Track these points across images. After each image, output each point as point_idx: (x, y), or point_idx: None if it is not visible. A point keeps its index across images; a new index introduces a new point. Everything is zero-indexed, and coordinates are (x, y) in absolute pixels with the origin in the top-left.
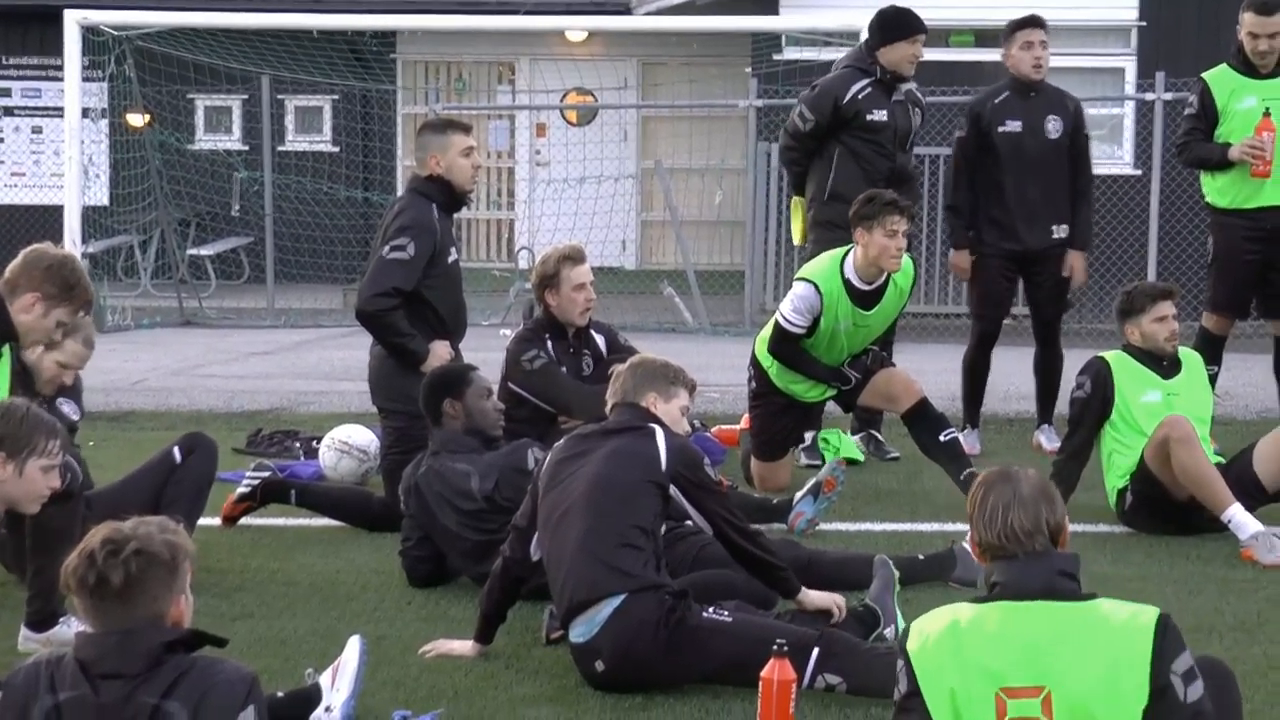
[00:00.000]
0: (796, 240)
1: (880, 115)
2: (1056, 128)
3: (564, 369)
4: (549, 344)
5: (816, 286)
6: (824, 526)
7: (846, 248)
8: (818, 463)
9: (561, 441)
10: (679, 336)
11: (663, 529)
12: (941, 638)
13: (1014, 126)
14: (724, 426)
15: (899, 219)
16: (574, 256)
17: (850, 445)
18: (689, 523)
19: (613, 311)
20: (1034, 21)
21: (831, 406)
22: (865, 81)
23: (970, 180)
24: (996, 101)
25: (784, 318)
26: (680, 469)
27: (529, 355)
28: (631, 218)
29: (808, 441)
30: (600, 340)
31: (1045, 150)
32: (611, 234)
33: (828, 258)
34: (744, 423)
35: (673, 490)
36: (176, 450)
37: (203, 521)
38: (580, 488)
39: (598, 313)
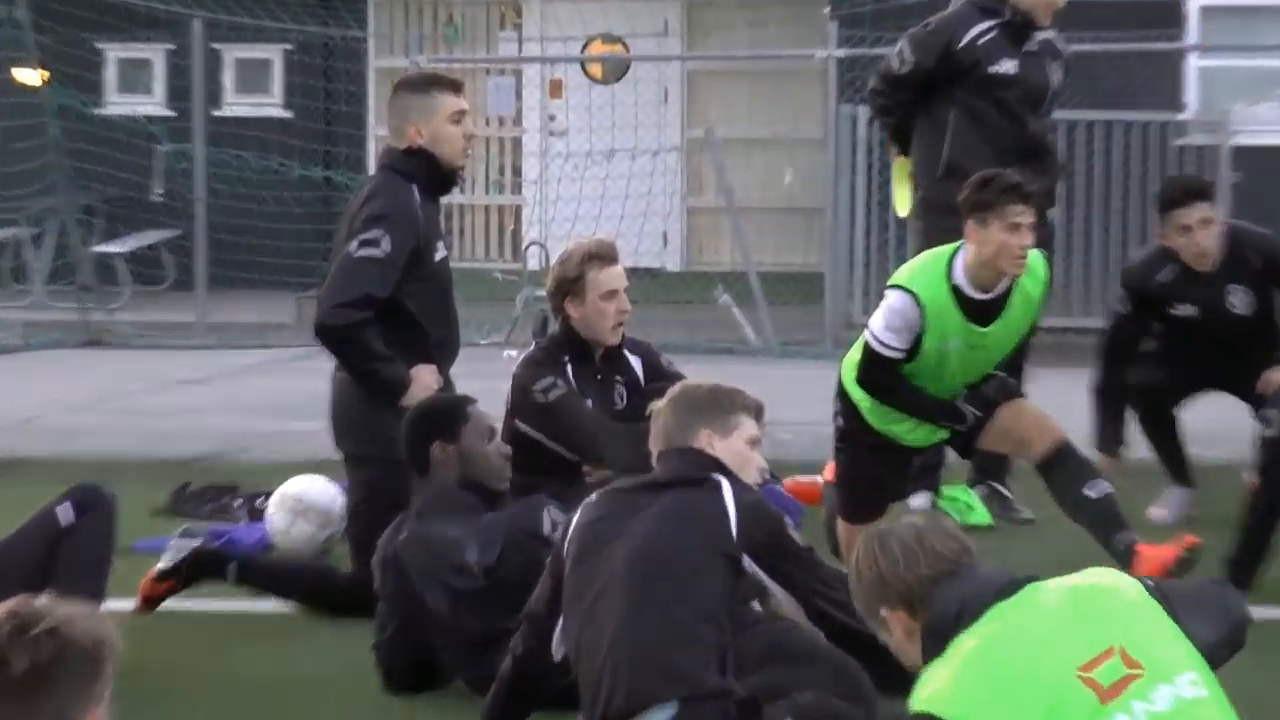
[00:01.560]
0: (901, 210)
1: (1007, 68)
2: (1244, 301)
3: (589, 402)
4: (569, 369)
5: (915, 296)
6: None
7: (954, 245)
8: None
9: (593, 498)
10: (738, 359)
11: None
12: (960, 684)
13: (1188, 310)
14: (801, 478)
15: (1023, 208)
16: (603, 255)
17: (981, 508)
18: (756, 606)
19: (651, 327)
20: (1188, 195)
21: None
22: (989, 24)
23: (1124, 367)
24: (1161, 280)
25: (875, 337)
26: (758, 534)
27: (543, 384)
28: (675, 204)
29: (921, 502)
30: (637, 364)
31: (1231, 326)
32: (650, 226)
33: (930, 258)
34: (828, 473)
35: (747, 562)
36: (65, 508)
37: (111, 605)
38: (621, 561)
39: (632, 328)
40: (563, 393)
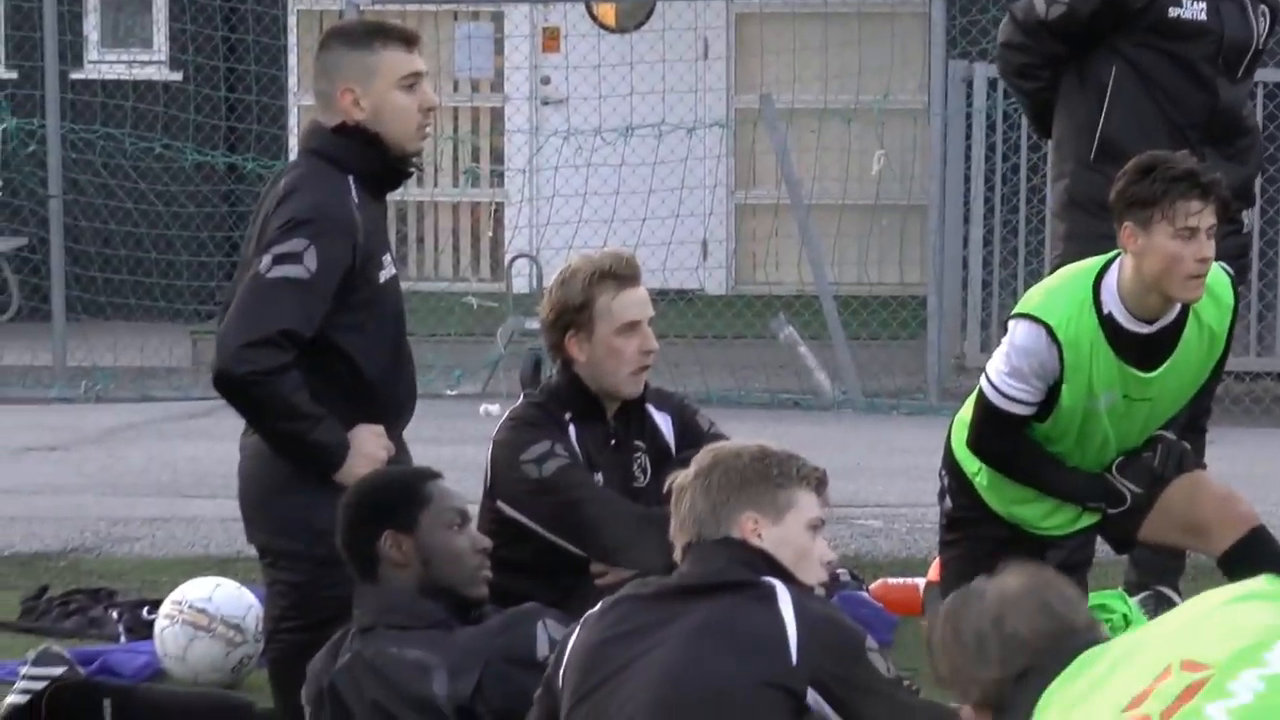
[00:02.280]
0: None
1: (1194, 12)
2: None
3: (599, 477)
4: (571, 431)
5: (1050, 329)
6: None
7: (1105, 258)
8: None
9: (598, 609)
10: (807, 416)
11: None
12: None
13: None
14: (893, 580)
15: (1200, 206)
16: (619, 274)
17: (1142, 621)
18: None
19: (687, 371)
20: None
21: (1099, 548)
22: None
23: None
24: None
25: (994, 385)
26: (827, 661)
27: (535, 452)
28: (719, 200)
29: None
30: (665, 424)
31: None
32: (683, 231)
33: (1071, 276)
34: (932, 573)
35: (812, 697)
36: None
37: None
38: (643, 695)
39: (660, 374)
40: (563, 464)
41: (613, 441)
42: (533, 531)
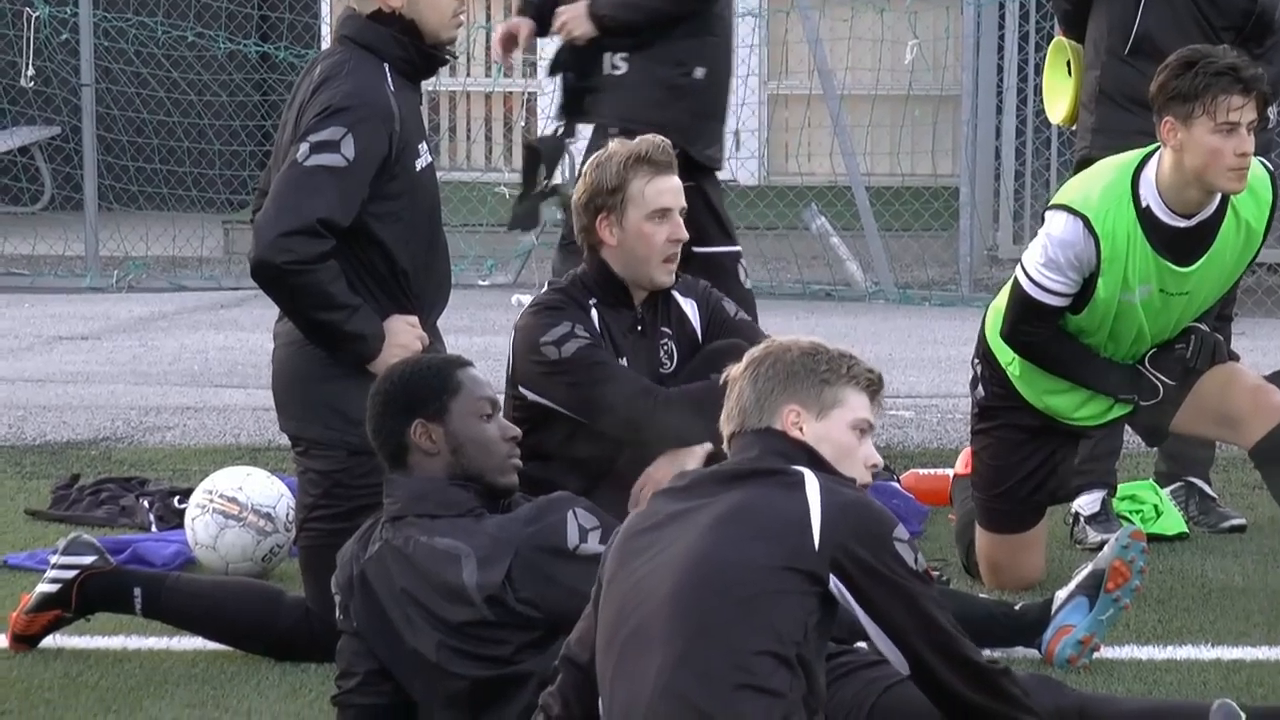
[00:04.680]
0: (1057, 118)
1: None
2: None
3: (622, 361)
4: (594, 316)
5: (1087, 221)
6: (1109, 652)
7: (1143, 151)
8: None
9: (645, 503)
10: (839, 308)
11: (823, 655)
12: None
13: None
14: (923, 471)
15: (1243, 101)
16: (655, 160)
17: (1173, 512)
18: (862, 646)
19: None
20: None
21: (1128, 438)
22: None
23: None
24: None
25: (1029, 276)
26: (849, 545)
27: (555, 334)
28: (751, 90)
29: (1088, 504)
30: (692, 311)
31: None
32: None
33: (1110, 169)
34: (962, 463)
35: (834, 585)
36: None
37: None
38: (666, 584)
39: (687, 264)
40: (583, 344)
41: (639, 328)
42: (557, 417)
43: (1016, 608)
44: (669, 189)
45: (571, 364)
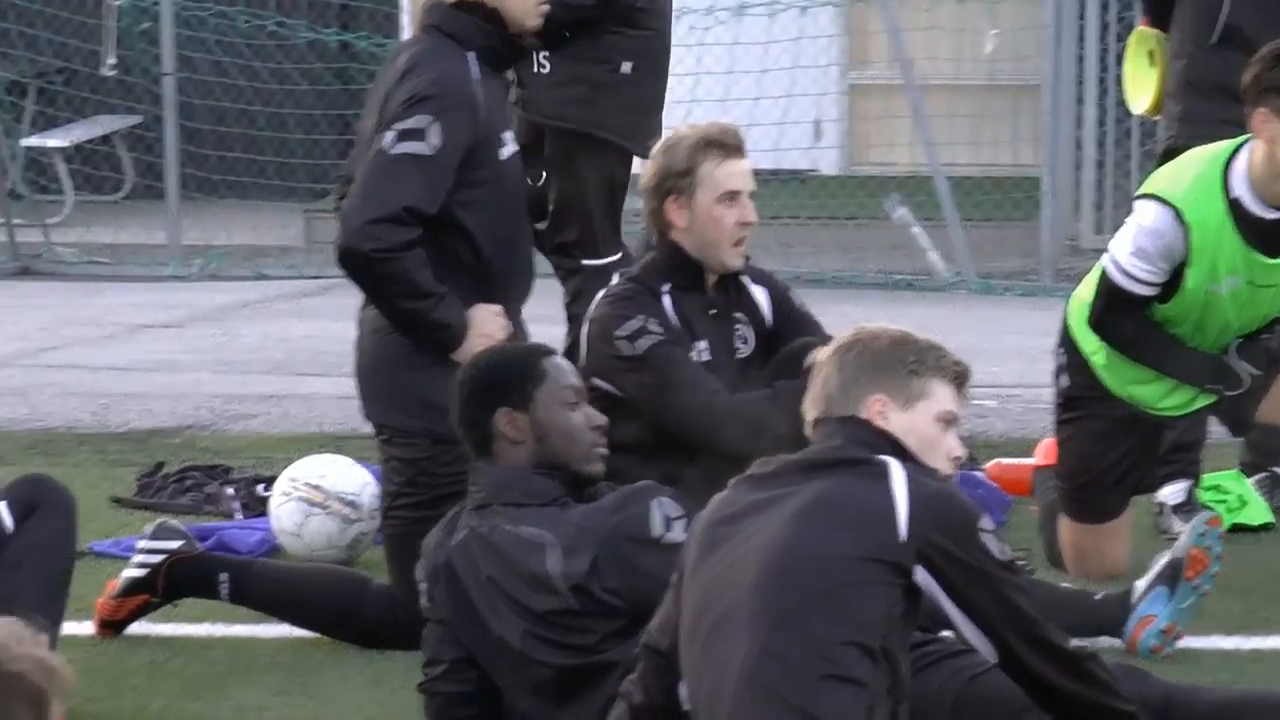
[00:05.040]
0: (1140, 109)
1: None
2: None
3: (704, 345)
4: (666, 303)
5: (1177, 211)
6: (1194, 642)
7: (1235, 142)
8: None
9: (726, 491)
10: (920, 298)
11: (908, 646)
12: None
13: None
14: (1007, 461)
15: None
16: (724, 144)
17: (1259, 502)
18: (948, 635)
19: (799, 253)
20: None
21: (1214, 428)
22: None
23: None
24: None
25: (1118, 265)
26: (935, 536)
27: (628, 328)
28: (831, 80)
29: (1173, 494)
30: (763, 299)
31: None
32: (796, 111)
33: (1201, 160)
34: (1042, 454)
35: (920, 575)
36: (3, 509)
37: (66, 629)
38: (750, 574)
39: (775, 253)
40: (655, 340)
41: (712, 311)
42: (634, 408)
43: (1097, 598)
44: (738, 172)
45: (644, 361)
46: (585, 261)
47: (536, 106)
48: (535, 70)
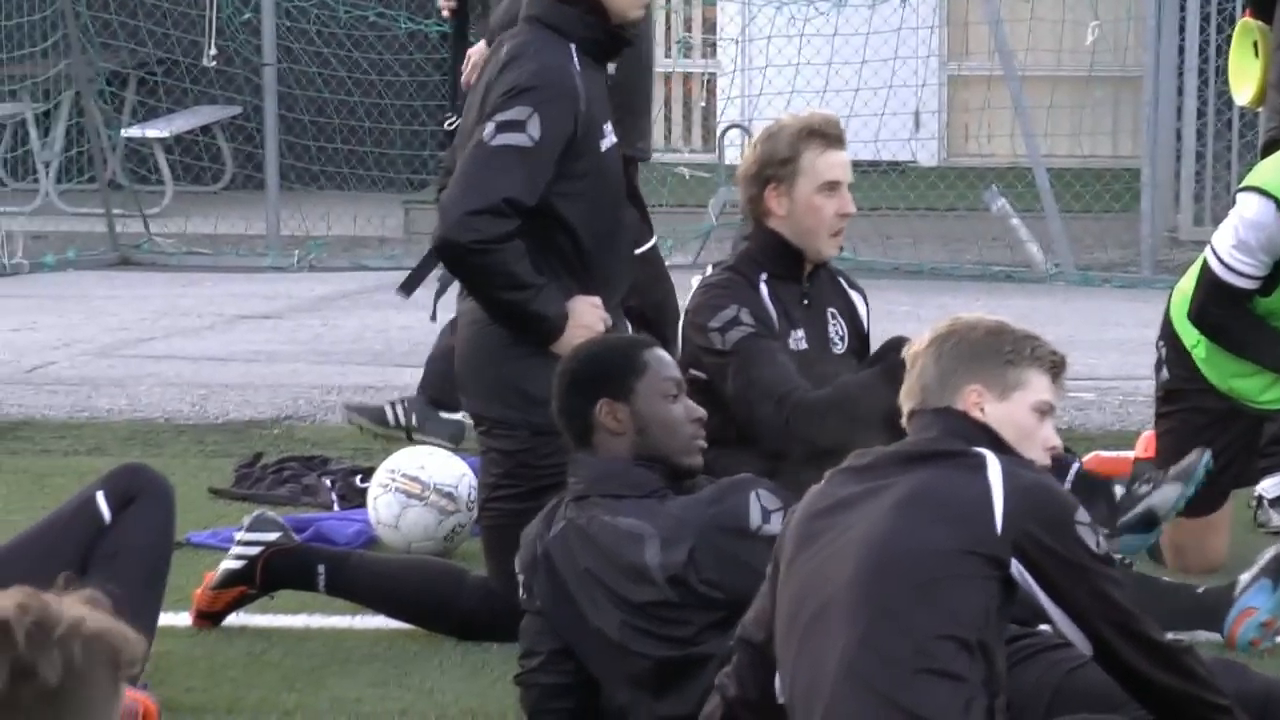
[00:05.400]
0: (1243, 100)
1: None
2: None
3: (800, 334)
4: (764, 291)
5: (1279, 204)
6: None
7: None
8: None
9: (822, 483)
10: (1020, 289)
11: (1004, 639)
12: None
13: None
14: (1106, 453)
15: None
16: (826, 134)
17: None
18: (1045, 629)
19: (898, 244)
20: None
21: None
22: None
23: None
24: None
25: (1220, 258)
26: (1031, 528)
27: (721, 319)
28: (932, 71)
29: (1272, 487)
30: (861, 305)
31: None
32: (895, 102)
33: None
34: (1143, 447)
35: (1016, 569)
36: (102, 499)
37: (163, 620)
38: (847, 567)
39: (874, 243)
40: (746, 333)
41: (805, 301)
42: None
43: (1199, 590)
44: (839, 162)
45: (732, 354)
46: None
47: None
48: None
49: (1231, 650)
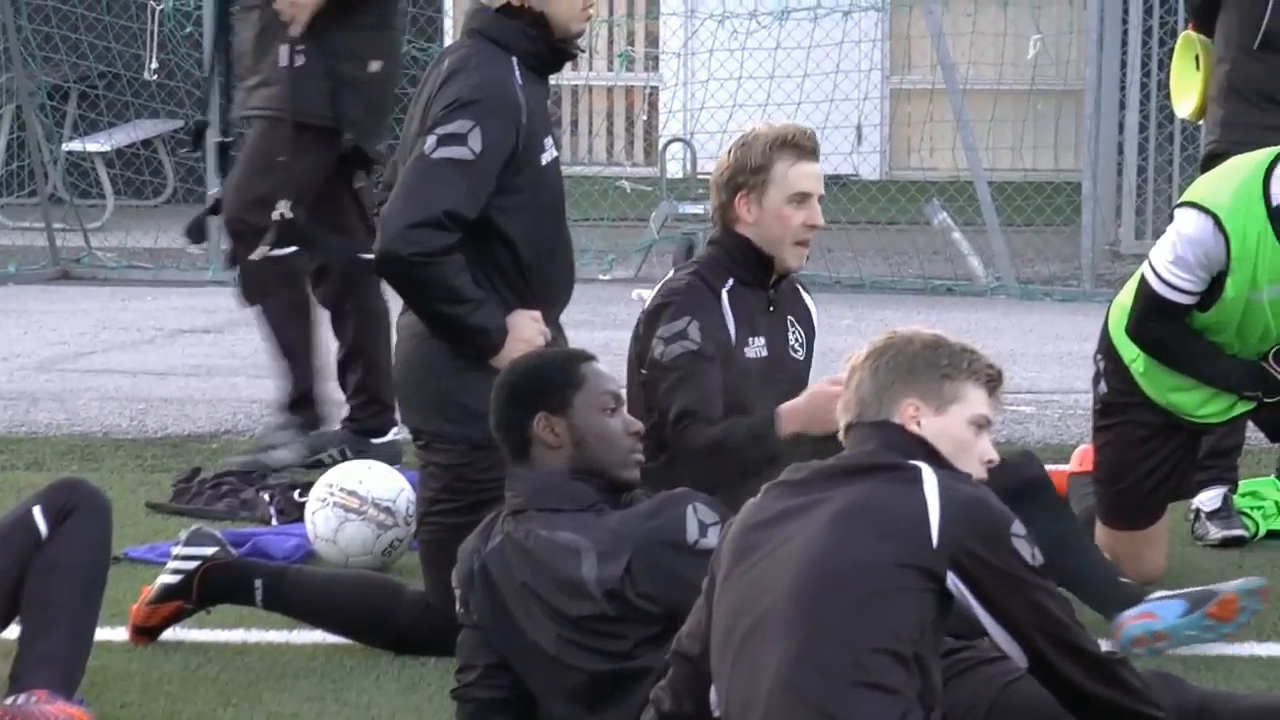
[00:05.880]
0: (1184, 113)
1: None
2: None
3: (760, 340)
4: (725, 300)
5: (1217, 220)
6: (1229, 649)
7: (1276, 150)
8: (1239, 532)
9: (759, 496)
10: (960, 302)
11: (940, 652)
12: None
13: None
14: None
15: None
16: (801, 145)
17: None
18: (982, 642)
19: (839, 257)
20: None
21: (1251, 434)
22: None
23: None
24: None
25: (1157, 273)
26: (967, 541)
27: (670, 330)
28: (874, 85)
29: (1209, 500)
30: (815, 312)
31: None
32: (838, 116)
33: (1241, 168)
34: (1077, 461)
35: (952, 582)
36: (39, 513)
37: (99, 635)
38: (784, 580)
39: (812, 260)
40: (687, 351)
41: (770, 308)
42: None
43: (1120, 579)
44: (811, 174)
45: (668, 369)
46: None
47: (280, 100)
48: (284, 64)
49: (1112, 641)
